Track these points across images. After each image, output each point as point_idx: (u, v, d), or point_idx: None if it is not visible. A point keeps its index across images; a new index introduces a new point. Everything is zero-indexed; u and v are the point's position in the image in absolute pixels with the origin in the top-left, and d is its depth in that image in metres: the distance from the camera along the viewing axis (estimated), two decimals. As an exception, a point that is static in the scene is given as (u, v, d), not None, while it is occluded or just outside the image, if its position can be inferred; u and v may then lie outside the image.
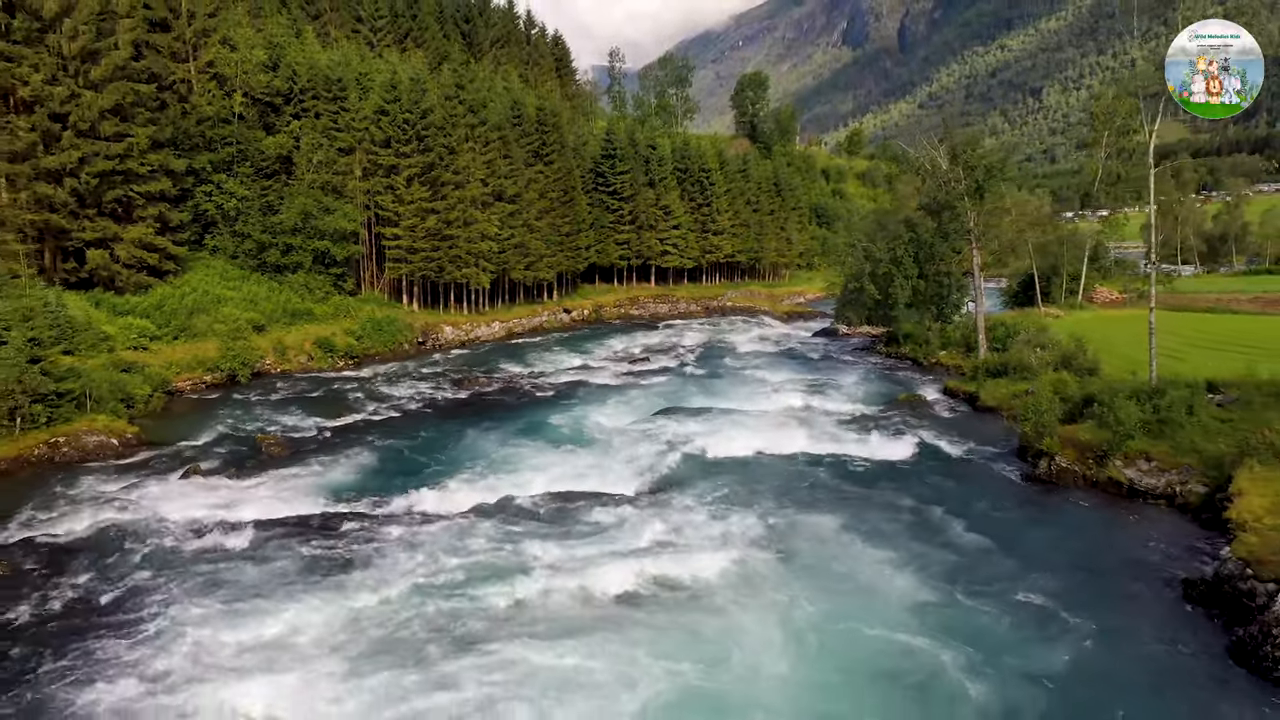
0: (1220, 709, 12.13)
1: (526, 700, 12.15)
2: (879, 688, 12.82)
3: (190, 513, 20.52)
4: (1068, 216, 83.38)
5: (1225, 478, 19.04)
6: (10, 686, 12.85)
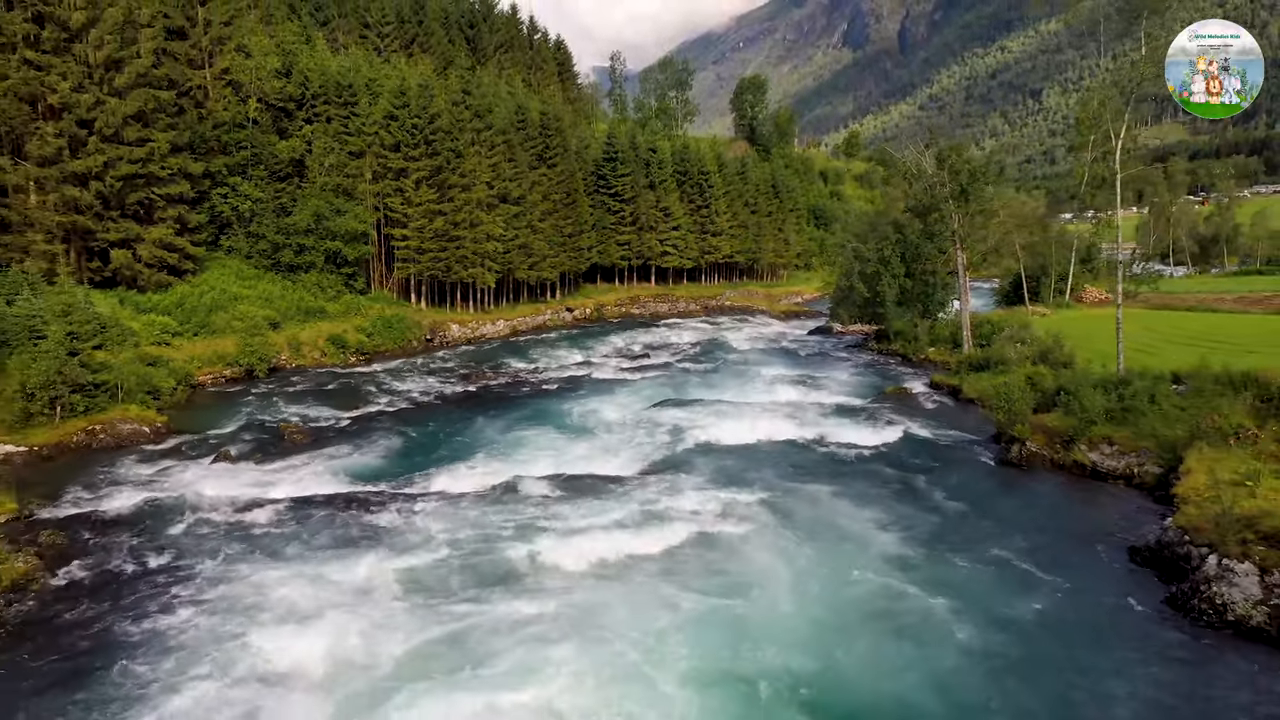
0: (1153, 647, 13.83)
1: (566, 620, 13.92)
2: (869, 622, 14.80)
3: (226, 491, 22.25)
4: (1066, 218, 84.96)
5: (1178, 459, 20.75)
6: (84, 625, 14.59)
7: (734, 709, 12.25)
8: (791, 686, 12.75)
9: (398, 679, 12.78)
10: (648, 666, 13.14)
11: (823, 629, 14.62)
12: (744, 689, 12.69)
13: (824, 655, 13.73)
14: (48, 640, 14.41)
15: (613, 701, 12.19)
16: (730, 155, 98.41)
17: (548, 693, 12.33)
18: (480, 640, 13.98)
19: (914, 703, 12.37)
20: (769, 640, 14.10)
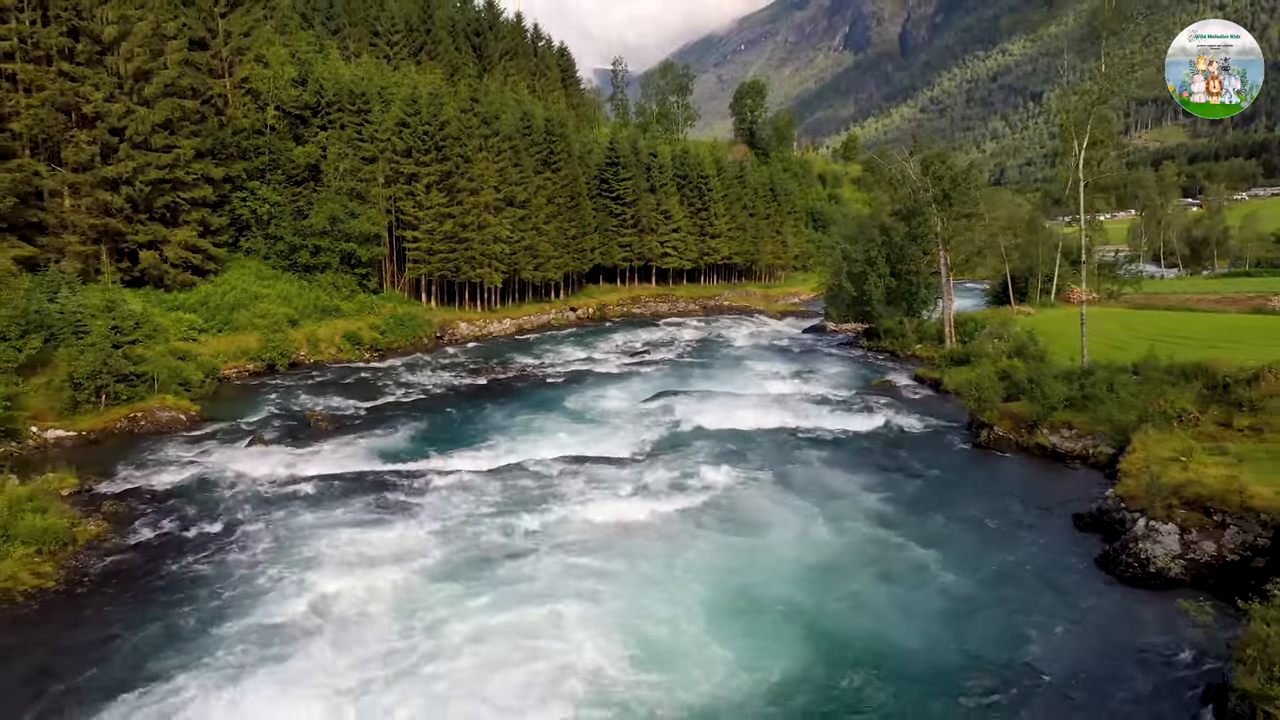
0: (1084, 593, 16.01)
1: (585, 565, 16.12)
2: (852, 567, 17.29)
3: (264, 469, 24.49)
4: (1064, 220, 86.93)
5: (1127, 440, 22.92)
6: (155, 573, 16.83)
7: (744, 629, 14.53)
8: (792, 613, 15.11)
9: (432, 608, 14.99)
10: (665, 598, 15.39)
11: (815, 571, 17.02)
12: (752, 614, 15.07)
13: (817, 591, 16.09)
14: (126, 584, 16.66)
15: (635, 620, 14.43)
16: (730, 159, 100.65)
17: (572, 612, 14.60)
18: (506, 579, 16.25)
19: (887, 627, 14.66)
20: (771, 579, 16.53)
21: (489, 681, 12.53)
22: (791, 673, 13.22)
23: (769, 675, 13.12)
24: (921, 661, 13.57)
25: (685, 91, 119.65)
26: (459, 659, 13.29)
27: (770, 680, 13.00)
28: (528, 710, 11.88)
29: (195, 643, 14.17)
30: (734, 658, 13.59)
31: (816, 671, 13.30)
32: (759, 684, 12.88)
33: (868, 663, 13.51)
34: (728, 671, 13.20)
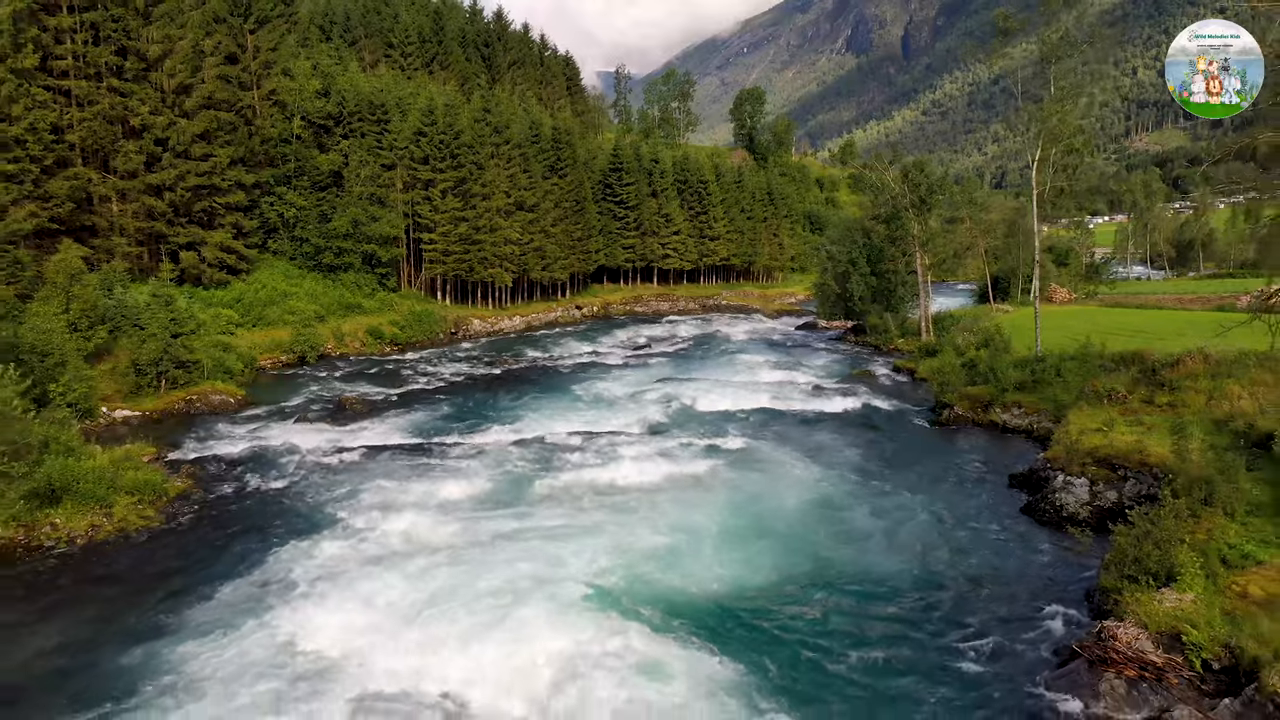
0: (1007, 531, 19.47)
1: (599, 515, 19.60)
2: (832, 509, 20.99)
3: (312, 442, 28.02)
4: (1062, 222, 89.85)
5: (1065, 416, 26.37)
6: (237, 517, 20.39)
7: (743, 548, 18.14)
8: (778, 539, 18.79)
9: (465, 546, 18.47)
10: (675, 529, 18.91)
11: (796, 513, 20.70)
12: (749, 539, 18.73)
13: (796, 526, 19.77)
14: (215, 524, 20.22)
15: (652, 541, 17.97)
16: (730, 163, 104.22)
17: (595, 541, 18.12)
18: (534, 515, 19.79)
19: (853, 548, 18.25)
20: (762, 517, 20.24)
21: (520, 576, 16.05)
22: (779, 574, 16.85)
23: (764, 576, 16.74)
24: (878, 569, 17.17)
25: (686, 98, 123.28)
26: (494, 562, 16.79)
27: (764, 579, 16.61)
28: (562, 583, 15.39)
29: (281, 561, 17.70)
30: (736, 565, 17.25)
31: (799, 574, 16.90)
32: (756, 581, 16.50)
33: (839, 569, 17.12)
34: (732, 572, 16.85)
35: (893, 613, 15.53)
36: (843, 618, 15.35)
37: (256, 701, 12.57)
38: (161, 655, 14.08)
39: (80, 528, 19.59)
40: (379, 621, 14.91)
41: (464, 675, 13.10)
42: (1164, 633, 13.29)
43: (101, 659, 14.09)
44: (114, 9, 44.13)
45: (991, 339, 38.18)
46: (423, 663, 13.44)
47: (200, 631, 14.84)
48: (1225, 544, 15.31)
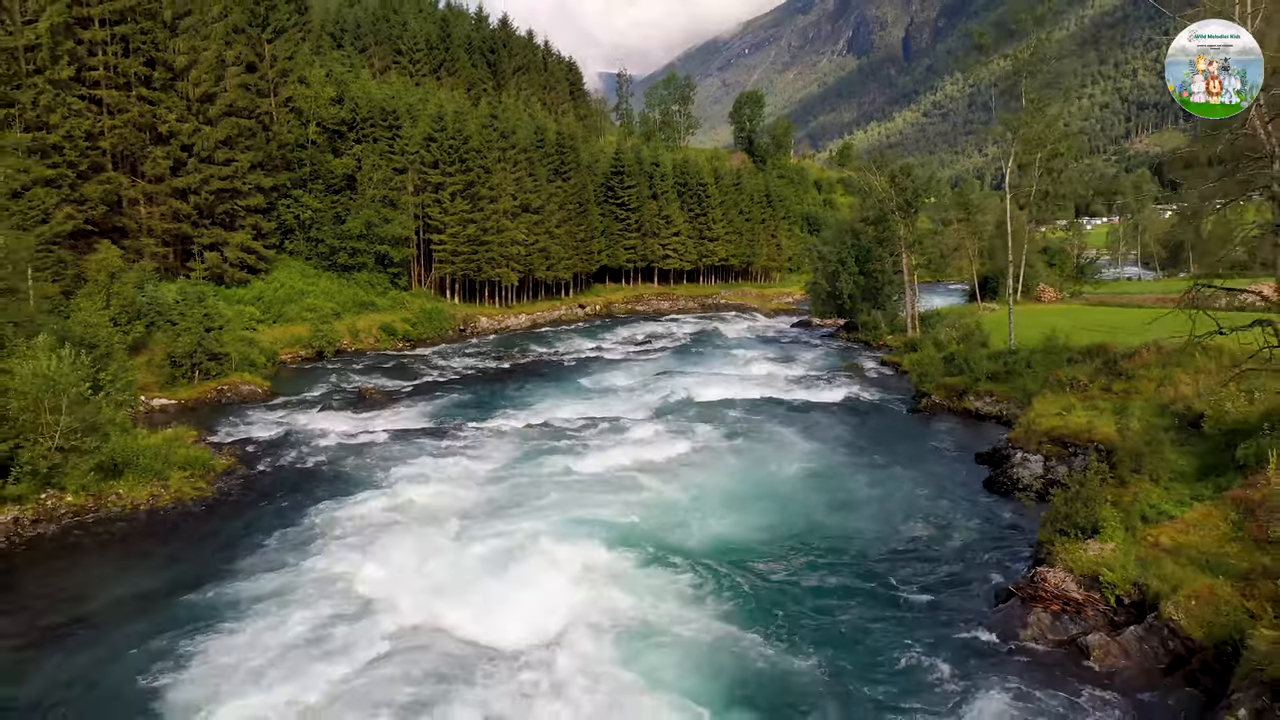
0: (969, 500, 21.84)
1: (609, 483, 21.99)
2: (817, 480, 23.48)
3: (339, 427, 30.45)
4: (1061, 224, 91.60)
5: (1030, 402, 28.73)
6: (280, 488, 22.80)
7: (739, 509, 20.74)
8: (770, 503, 21.31)
9: (475, 518, 20.83)
10: (678, 493, 21.32)
11: (787, 483, 23.20)
12: (744, 501, 21.33)
13: (787, 493, 22.31)
14: (260, 495, 22.63)
15: (658, 502, 20.36)
16: (730, 165, 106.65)
17: (603, 503, 20.53)
18: (541, 493, 22.13)
19: (836, 509, 20.65)
20: (756, 486, 22.77)
21: (533, 532, 18.44)
22: (766, 530, 19.38)
23: (751, 530, 19.31)
24: (852, 528, 19.67)
25: (687, 101, 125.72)
26: (517, 519, 19.19)
27: (751, 533, 19.14)
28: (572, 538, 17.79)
29: (321, 523, 20.10)
30: (728, 523, 19.83)
31: (783, 530, 19.43)
32: (744, 534, 19.04)
33: (819, 527, 19.64)
34: (723, 527, 19.46)
35: (864, 561, 17.93)
36: (820, 563, 17.76)
37: (307, 627, 14.96)
38: (224, 593, 16.51)
39: (142, 497, 22.02)
40: (412, 567, 17.32)
41: (479, 609, 15.45)
42: (1086, 575, 15.66)
43: (173, 596, 16.51)
44: (143, 22, 46.59)
45: (971, 334, 40.60)
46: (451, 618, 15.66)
47: (255, 577, 17.25)
48: (1147, 504, 17.69)
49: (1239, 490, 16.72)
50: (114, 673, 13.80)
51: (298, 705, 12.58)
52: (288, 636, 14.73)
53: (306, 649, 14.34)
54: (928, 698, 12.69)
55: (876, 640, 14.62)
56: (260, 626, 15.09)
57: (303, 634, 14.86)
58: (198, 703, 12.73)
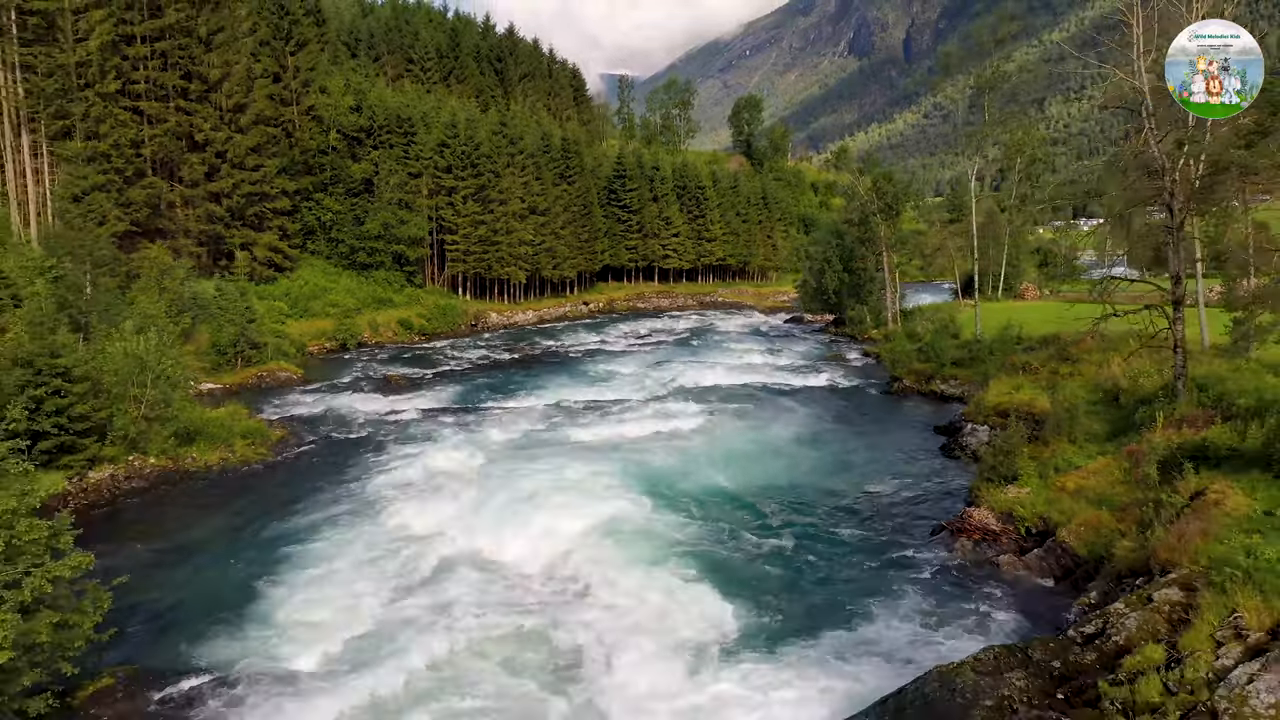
0: (925, 463, 25.43)
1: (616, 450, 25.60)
2: (798, 448, 26.97)
3: (371, 407, 34.09)
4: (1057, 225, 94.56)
5: (987, 384, 32.33)
6: (329, 454, 26.44)
7: (731, 468, 24.22)
8: (759, 464, 24.84)
9: (493, 484, 24.43)
10: (677, 456, 24.87)
11: (771, 449, 26.70)
12: (735, 462, 24.83)
13: (772, 455, 25.89)
14: (312, 459, 26.28)
15: (661, 463, 23.91)
16: (728, 168, 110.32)
17: (612, 465, 24.13)
18: (555, 458, 25.76)
19: (814, 467, 24.17)
20: (744, 453, 26.24)
21: (556, 486, 22.06)
22: (749, 485, 22.88)
23: (737, 485, 22.87)
24: (824, 483, 23.26)
25: (687, 106, 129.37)
26: (535, 476, 22.80)
27: (737, 487, 22.69)
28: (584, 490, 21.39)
29: (369, 480, 23.73)
30: (718, 478, 23.38)
31: (763, 485, 22.96)
32: (730, 487, 22.61)
33: (795, 482, 23.23)
34: (713, 481, 22.97)
35: (833, 505, 21.57)
36: (795, 505, 21.42)
37: (366, 552, 18.55)
38: (294, 528, 20.14)
39: (213, 460, 25.69)
40: (450, 511, 20.97)
41: (509, 541, 19.02)
42: (1003, 512, 19.32)
43: (252, 531, 20.16)
44: (180, 39, 50.32)
45: (944, 327, 44.23)
46: (484, 543, 19.27)
47: (318, 519, 20.85)
48: (1062, 458, 21.31)
49: (1131, 445, 20.35)
50: (217, 580, 17.45)
51: (364, 602, 16.14)
52: (351, 558, 18.32)
53: (368, 566, 17.95)
54: (873, 597, 16.24)
55: (837, 557, 18.26)
56: (328, 551, 18.71)
57: (363, 557, 18.46)
58: (285, 597, 16.33)
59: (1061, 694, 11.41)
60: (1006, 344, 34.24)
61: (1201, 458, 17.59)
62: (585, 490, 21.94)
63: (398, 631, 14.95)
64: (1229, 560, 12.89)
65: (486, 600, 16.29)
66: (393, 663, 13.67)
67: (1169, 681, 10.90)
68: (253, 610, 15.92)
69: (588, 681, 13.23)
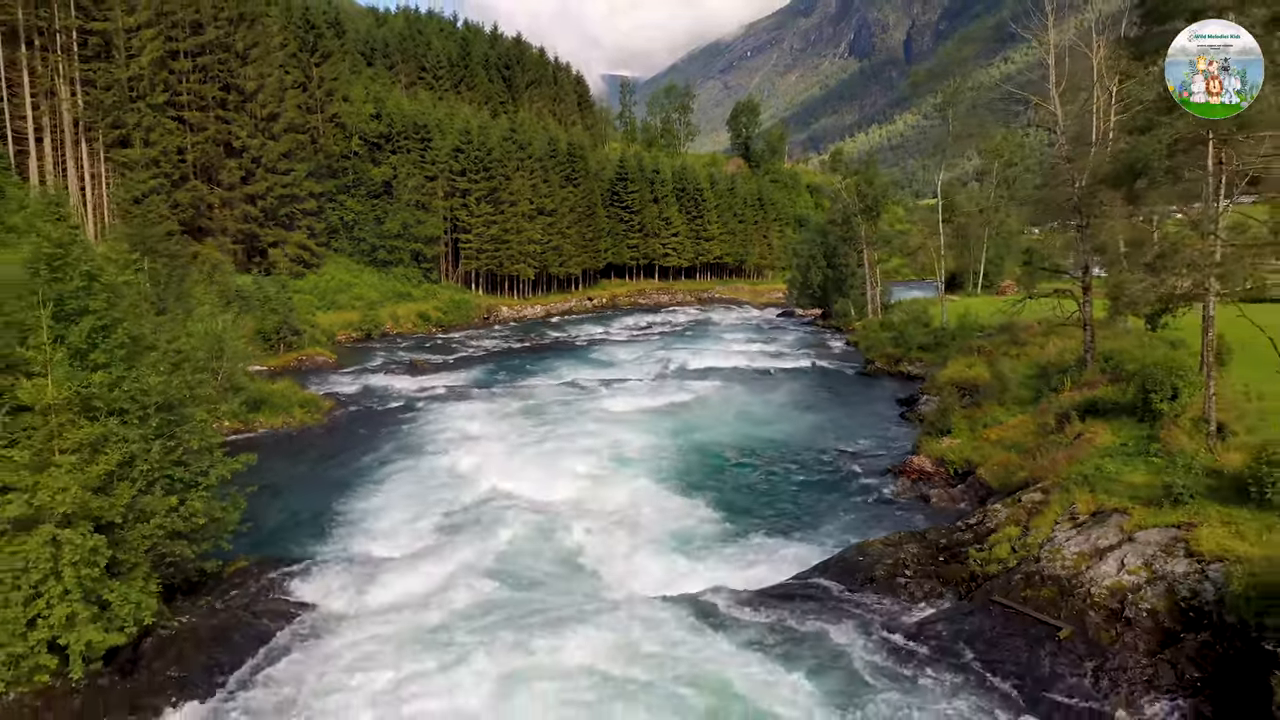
0: (886, 427, 29.85)
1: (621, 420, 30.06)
2: (783, 413, 31.39)
3: (403, 385, 38.58)
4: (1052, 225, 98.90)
5: (946, 364, 36.78)
6: (375, 421, 30.94)
7: (720, 429, 28.53)
8: (748, 426, 29.16)
9: (518, 440, 28.86)
10: (673, 421, 29.33)
11: (757, 416, 31.01)
12: (725, 424, 29.17)
13: (761, 421, 30.18)
14: (361, 425, 30.78)
15: (660, 426, 28.37)
16: (726, 171, 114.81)
17: (619, 430, 28.60)
18: (569, 423, 30.25)
19: (794, 429, 28.52)
20: (733, 419, 30.60)
21: (573, 442, 26.52)
22: (738, 442, 27.29)
23: (732, 439, 27.29)
24: (803, 440, 27.66)
25: (686, 110, 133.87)
26: (554, 434, 27.26)
27: (732, 441, 27.10)
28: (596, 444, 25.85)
29: (415, 437, 28.22)
30: (715, 434, 27.87)
31: (750, 441, 27.36)
32: (727, 440, 27.02)
33: (778, 439, 27.63)
34: (712, 436, 27.38)
35: (803, 456, 26.01)
36: (774, 455, 25.87)
37: (420, 489, 23.00)
38: (357, 474, 24.59)
39: (278, 424, 30.19)
40: (484, 459, 25.43)
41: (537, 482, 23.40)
42: (938, 458, 23.77)
43: (323, 474, 24.63)
44: (220, 54, 54.84)
45: (917, 318, 48.67)
46: (514, 481, 23.68)
47: (376, 465, 25.32)
48: (990, 417, 25.77)
49: (1044, 404, 24.82)
50: (303, 505, 21.90)
51: (420, 517, 20.55)
52: (406, 491, 22.79)
53: (420, 494, 22.43)
54: (827, 514, 20.61)
55: (804, 489, 22.78)
56: (387, 485, 23.22)
57: (417, 492, 22.93)
58: (358, 519, 20.77)
59: (941, 558, 15.90)
60: (966, 331, 38.70)
61: (1092, 410, 22.06)
62: (594, 444, 26.43)
63: (446, 535, 19.38)
64: (1081, 474, 17.40)
65: (516, 515, 20.75)
66: (444, 552, 18.09)
67: (1015, 545, 15.42)
68: (335, 522, 20.48)
69: (594, 561, 17.70)
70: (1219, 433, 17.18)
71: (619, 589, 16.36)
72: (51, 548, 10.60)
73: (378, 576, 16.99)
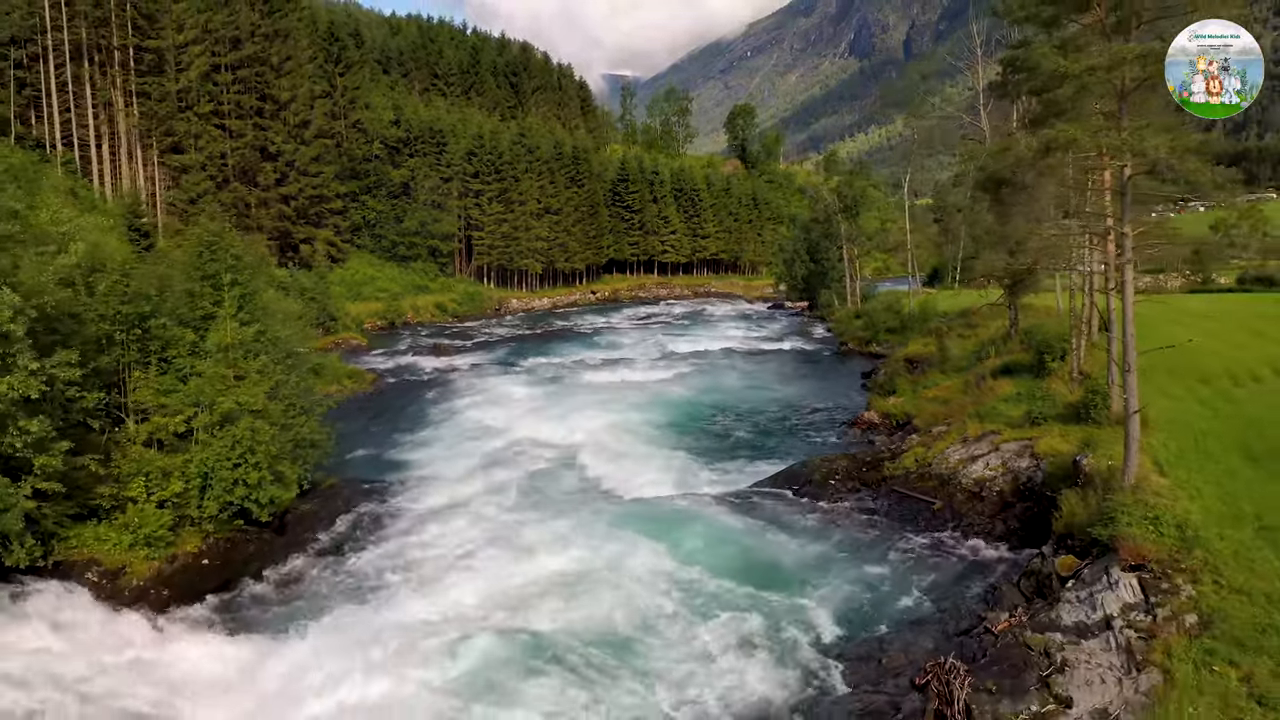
0: (850, 395, 35.11)
1: (622, 394, 35.32)
2: (762, 383, 36.63)
3: (431, 364, 43.87)
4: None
5: (907, 344, 42.03)
6: (410, 392, 36.25)
7: (707, 397, 33.72)
8: (731, 394, 34.36)
9: (537, 402, 34.06)
10: (667, 393, 34.58)
11: (738, 387, 36.19)
12: (710, 393, 34.30)
13: (744, 389, 35.40)
14: (400, 394, 36.07)
15: (658, 393, 33.62)
16: (722, 172, 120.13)
17: (621, 398, 33.88)
18: (578, 393, 35.50)
19: (771, 395, 33.74)
20: (717, 390, 35.70)
21: (576, 407, 31.79)
22: (724, 404, 32.53)
23: (718, 403, 32.52)
24: (780, 402, 32.93)
25: (685, 113, 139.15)
26: (566, 399, 32.50)
27: (718, 403, 32.36)
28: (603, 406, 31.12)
29: (452, 402, 33.50)
30: (705, 399, 33.09)
31: (739, 402, 32.61)
32: (713, 403, 32.29)
33: (759, 401, 32.87)
34: (701, 398, 32.62)
35: (778, 414, 31.32)
36: (752, 414, 31.15)
37: (459, 436, 28.28)
38: (406, 427, 29.91)
39: (331, 390, 35.40)
40: (510, 415, 30.74)
41: (554, 432, 28.71)
42: (884, 413, 29.05)
43: (378, 429, 29.92)
44: (257, 67, 60.14)
45: (891, 305, 53.93)
46: (535, 430, 28.91)
47: (420, 420, 30.66)
48: (930, 381, 31.04)
49: (973, 370, 30.09)
50: (366, 447, 27.23)
51: (461, 456, 25.82)
52: (448, 440, 28.10)
53: (461, 443, 27.73)
54: (791, 451, 25.86)
55: (775, 436, 28.10)
56: (431, 435, 28.58)
57: (456, 438, 28.27)
58: (413, 455, 26.07)
59: (864, 469, 21.21)
60: (928, 316, 43.99)
61: (1006, 371, 27.30)
62: (601, 405, 31.74)
63: (482, 468, 24.68)
64: (978, 412, 22.70)
65: (539, 451, 26.09)
66: (484, 475, 23.39)
67: (918, 458, 20.73)
68: (395, 458, 25.95)
69: (599, 479, 23.01)
70: (1081, 378, 22.49)
71: (618, 496, 21.68)
72: (249, 432, 15.94)
73: (435, 490, 22.32)
